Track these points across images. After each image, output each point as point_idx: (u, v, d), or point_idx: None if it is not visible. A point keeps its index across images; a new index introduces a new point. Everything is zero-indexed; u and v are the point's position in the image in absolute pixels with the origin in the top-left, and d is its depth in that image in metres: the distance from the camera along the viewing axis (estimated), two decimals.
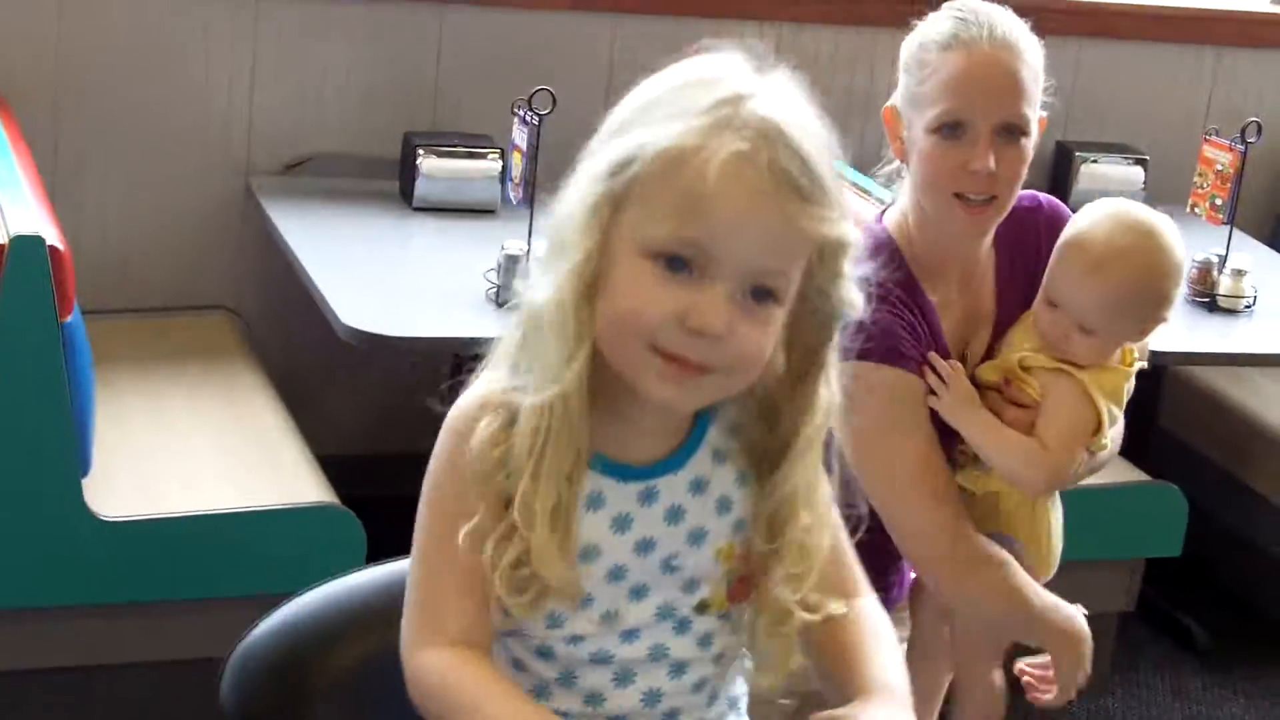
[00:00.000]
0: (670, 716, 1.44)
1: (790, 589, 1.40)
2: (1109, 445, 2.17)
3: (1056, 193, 4.02)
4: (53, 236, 2.64)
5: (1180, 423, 3.94)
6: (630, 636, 1.41)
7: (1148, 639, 3.63)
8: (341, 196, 3.50)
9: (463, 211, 3.46)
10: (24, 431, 2.68)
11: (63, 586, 2.76)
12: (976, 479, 2.15)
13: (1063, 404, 2.10)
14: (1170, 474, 3.45)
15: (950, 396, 2.07)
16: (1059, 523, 2.25)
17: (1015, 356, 2.13)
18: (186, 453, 3.00)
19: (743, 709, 1.52)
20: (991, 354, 2.17)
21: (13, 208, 2.73)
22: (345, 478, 2.98)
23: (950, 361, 2.09)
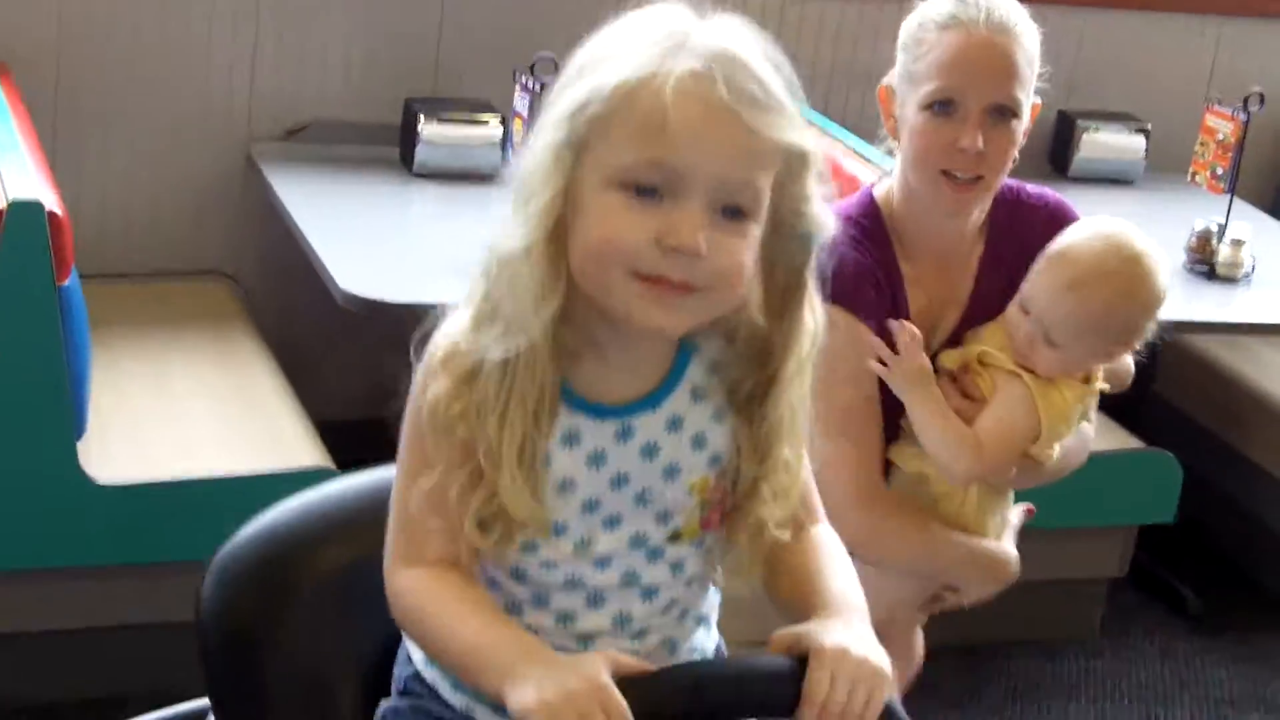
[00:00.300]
0: (640, 636, 1.47)
1: (776, 507, 1.43)
2: (1057, 456, 2.17)
3: (1057, 161, 4.07)
4: (51, 202, 2.65)
5: (1176, 390, 3.95)
6: (603, 564, 1.43)
7: (1139, 604, 3.65)
8: (342, 163, 3.50)
9: (463, 178, 3.45)
10: (19, 394, 2.69)
11: (57, 549, 2.77)
12: (908, 457, 2.16)
13: (1006, 406, 2.11)
14: (1165, 441, 3.47)
15: (903, 365, 2.08)
16: (1001, 527, 2.24)
17: (977, 350, 2.14)
18: (183, 417, 3.01)
19: (713, 622, 1.54)
20: (958, 341, 2.18)
21: (12, 173, 2.75)
22: (342, 443, 2.98)
23: (911, 329, 2.09)
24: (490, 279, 1.37)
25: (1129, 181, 4.04)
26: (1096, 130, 4.02)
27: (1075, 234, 2.12)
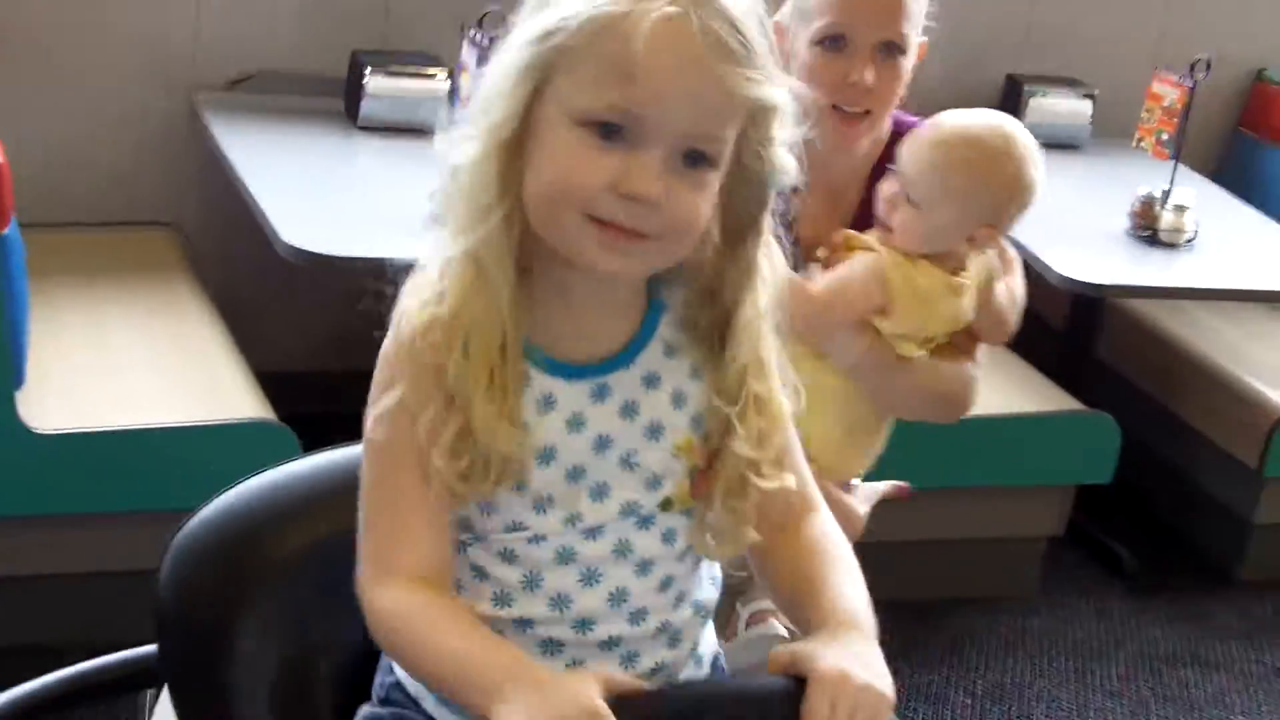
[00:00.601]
0: (638, 617, 1.41)
1: (756, 452, 1.39)
2: (918, 356, 2.14)
3: None
4: None
5: (1117, 354, 3.98)
6: (593, 534, 1.39)
7: (1076, 563, 3.69)
8: (286, 114, 3.47)
9: (409, 131, 3.43)
10: None
11: None
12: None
13: (849, 265, 2.11)
14: (1106, 404, 3.51)
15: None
16: (858, 470, 2.23)
17: (845, 233, 2.14)
18: (123, 368, 2.99)
19: (709, 619, 1.49)
20: None
21: None
22: (283, 395, 2.97)
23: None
24: (442, 187, 1.35)
25: (1075, 146, 4.05)
26: (1043, 95, 4.03)
27: (963, 111, 2.14)
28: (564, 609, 1.39)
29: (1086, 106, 4.05)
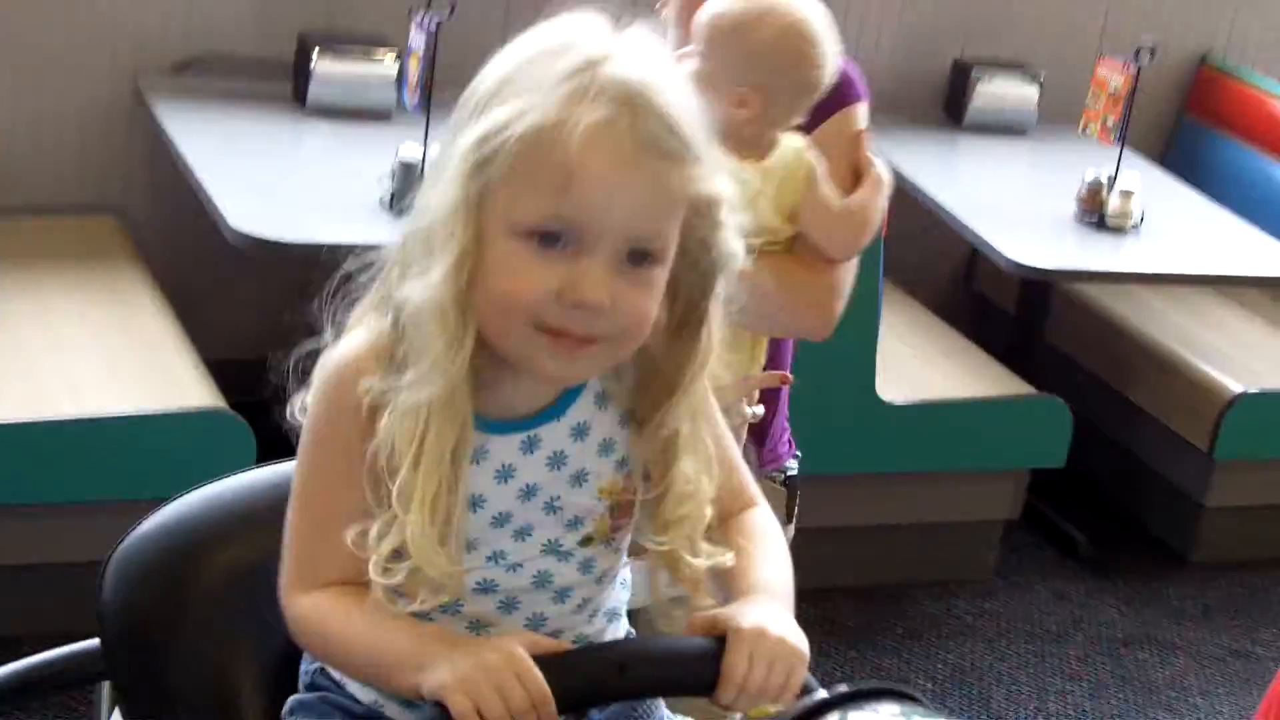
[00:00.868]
0: (555, 634, 1.43)
1: (674, 534, 1.40)
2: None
3: (952, 110, 4.09)
4: None
5: (1067, 338, 4.01)
6: (515, 568, 1.41)
7: (1032, 546, 3.72)
8: (233, 98, 3.44)
9: (357, 115, 3.41)
10: None
11: None
12: None
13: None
14: (1056, 388, 3.53)
15: None
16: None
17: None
18: (71, 356, 2.96)
19: (622, 615, 1.53)
20: None
21: None
22: (232, 383, 2.95)
23: None
24: (396, 323, 1.33)
25: (1022, 131, 4.07)
26: (990, 79, 4.05)
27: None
28: (482, 631, 1.41)
29: (1033, 91, 4.07)
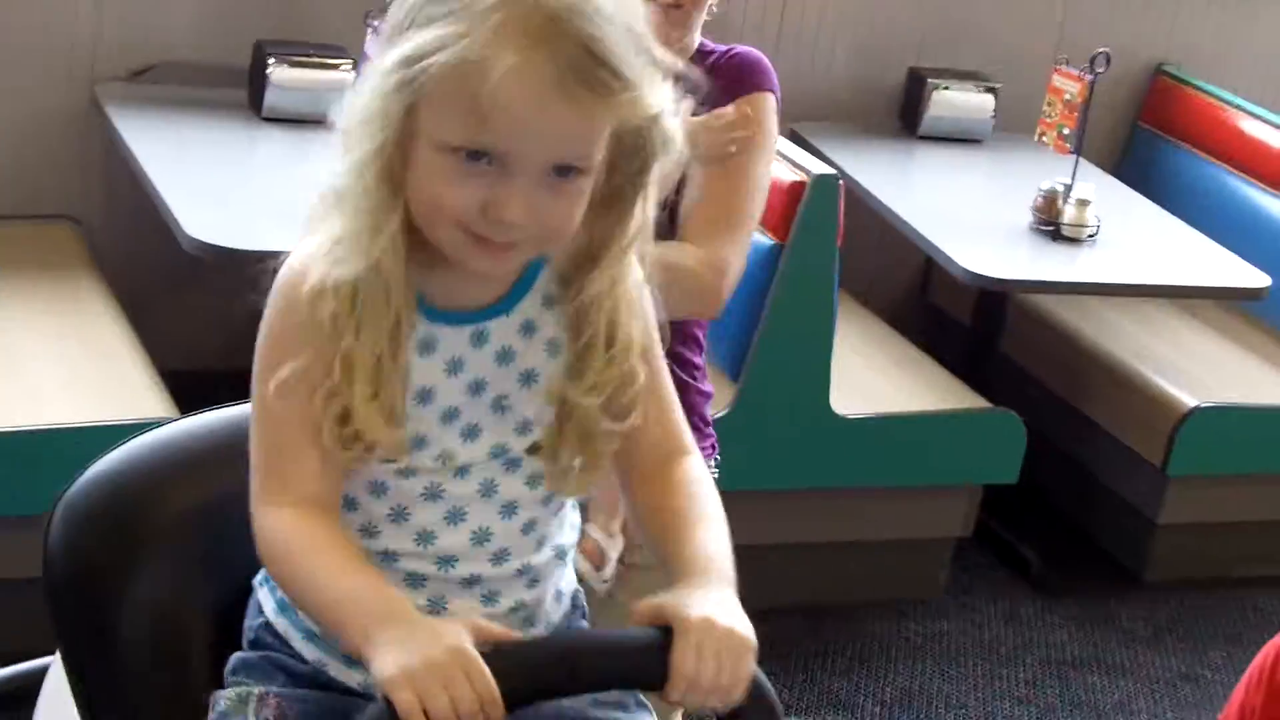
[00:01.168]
0: (500, 558, 1.46)
1: (595, 392, 1.42)
2: None
3: (908, 119, 4.10)
4: None
5: (1021, 350, 4.00)
6: (462, 473, 1.43)
7: (984, 565, 3.70)
8: (189, 105, 3.43)
9: (314, 123, 3.40)
10: None
11: None
12: None
13: None
14: (1010, 401, 3.51)
15: None
16: None
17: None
18: (24, 366, 2.95)
19: (568, 560, 1.54)
20: None
21: None
22: (188, 394, 2.92)
23: None
24: (328, 206, 1.37)
25: (978, 140, 4.09)
26: (946, 89, 4.06)
27: None
28: (427, 544, 1.44)
29: (989, 101, 4.09)
